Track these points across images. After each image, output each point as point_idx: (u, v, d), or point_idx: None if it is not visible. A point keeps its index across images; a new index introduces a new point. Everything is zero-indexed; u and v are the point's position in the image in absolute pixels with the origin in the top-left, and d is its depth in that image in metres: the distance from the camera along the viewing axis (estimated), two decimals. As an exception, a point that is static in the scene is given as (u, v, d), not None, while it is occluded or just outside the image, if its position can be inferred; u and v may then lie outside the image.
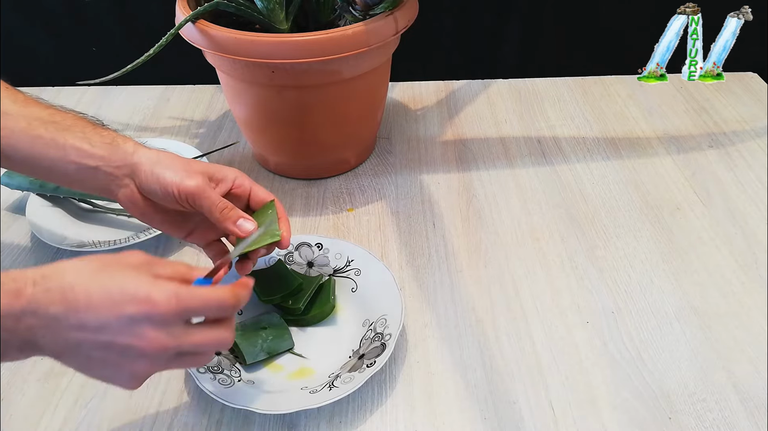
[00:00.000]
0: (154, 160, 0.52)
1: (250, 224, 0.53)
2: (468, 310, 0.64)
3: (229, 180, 0.55)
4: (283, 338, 0.59)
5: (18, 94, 0.53)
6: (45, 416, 0.55)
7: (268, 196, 0.56)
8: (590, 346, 0.60)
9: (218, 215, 0.52)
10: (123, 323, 0.39)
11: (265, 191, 0.56)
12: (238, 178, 0.55)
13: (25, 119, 0.51)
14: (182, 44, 0.70)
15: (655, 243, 0.71)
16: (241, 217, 0.53)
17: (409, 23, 0.72)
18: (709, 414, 0.55)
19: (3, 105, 0.51)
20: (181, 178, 0.51)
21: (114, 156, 0.52)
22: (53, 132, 0.51)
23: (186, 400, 0.56)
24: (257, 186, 0.56)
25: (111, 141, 0.52)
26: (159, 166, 0.52)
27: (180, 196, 0.51)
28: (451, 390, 0.57)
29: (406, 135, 0.89)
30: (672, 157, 0.84)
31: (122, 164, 0.52)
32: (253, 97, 0.74)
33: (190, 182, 0.51)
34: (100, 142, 0.52)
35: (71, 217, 0.74)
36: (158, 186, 0.51)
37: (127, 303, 0.39)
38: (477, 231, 0.73)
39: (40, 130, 0.51)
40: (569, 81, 1.00)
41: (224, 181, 0.55)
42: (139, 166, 0.52)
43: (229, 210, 0.53)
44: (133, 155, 0.52)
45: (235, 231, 0.52)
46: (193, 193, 0.51)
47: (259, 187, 0.56)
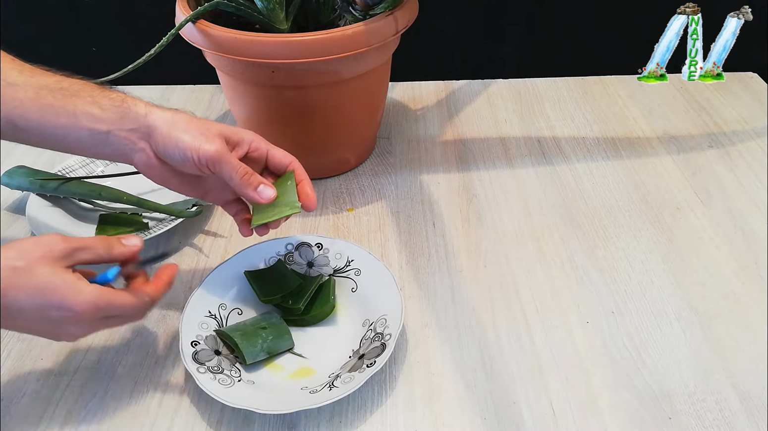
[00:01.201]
0: (170, 122, 0.51)
1: (271, 191, 0.52)
2: (468, 310, 0.64)
3: (246, 143, 0.54)
4: (283, 338, 0.59)
5: (24, 65, 0.52)
6: (45, 416, 0.55)
7: (286, 157, 0.55)
8: (590, 346, 0.60)
9: (239, 180, 0.51)
10: (49, 322, 0.46)
11: (283, 152, 0.55)
12: (255, 141, 0.55)
13: (33, 89, 0.50)
14: (182, 44, 0.70)
15: (655, 243, 0.71)
16: (261, 183, 0.53)
17: (409, 23, 0.72)
18: (709, 414, 0.55)
19: (9, 76, 0.51)
20: (200, 142, 0.50)
21: (126, 119, 0.51)
22: (62, 99, 0.50)
23: (186, 400, 0.56)
24: (274, 148, 0.55)
25: (121, 103, 0.51)
26: (176, 129, 0.51)
27: (200, 161, 0.50)
28: (451, 390, 0.57)
29: (406, 135, 0.89)
30: (672, 157, 0.84)
31: (135, 127, 0.51)
32: (253, 97, 0.74)
33: (210, 147, 0.50)
34: (110, 105, 0.51)
35: (71, 217, 0.74)
36: (177, 150, 0.50)
37: (52, 310, 0.45)
38: (477, 231, 0.73)
39: (49, 98, 0.50)
40: (569, 81, 1.00)
41: (241, 144, 0.54)
42: (154, 129, 0.51)
43: (249, 175, 0.52)
44: (147, 117, 0.51)
45: (256, 198, 0.52)
46: (213, 158, 0.50)
47: (277, 148, 0.55)
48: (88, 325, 0.48)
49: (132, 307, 0.49)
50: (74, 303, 0.45)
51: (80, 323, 0.47)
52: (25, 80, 0.51)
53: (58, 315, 0.46)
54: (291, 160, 0.56)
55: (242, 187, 0.52)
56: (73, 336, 0.49)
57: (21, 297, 0.45)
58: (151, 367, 0.59)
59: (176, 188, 0.55)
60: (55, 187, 0.73)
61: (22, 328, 0.47)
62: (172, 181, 0.54)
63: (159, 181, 0.54)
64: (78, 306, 0.46)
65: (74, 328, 0.47)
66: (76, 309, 0.46)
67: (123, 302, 0.49)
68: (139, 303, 0.50)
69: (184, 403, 0.56)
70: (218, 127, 0.53)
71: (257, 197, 0.52)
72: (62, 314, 0.46)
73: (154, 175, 0.53)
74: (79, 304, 0.46)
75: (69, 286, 0.46)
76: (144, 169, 0.53)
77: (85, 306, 0.46)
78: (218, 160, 0.51)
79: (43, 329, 0.47)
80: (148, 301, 0.51)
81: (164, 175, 0.53)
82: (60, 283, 0.45)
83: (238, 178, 0.52)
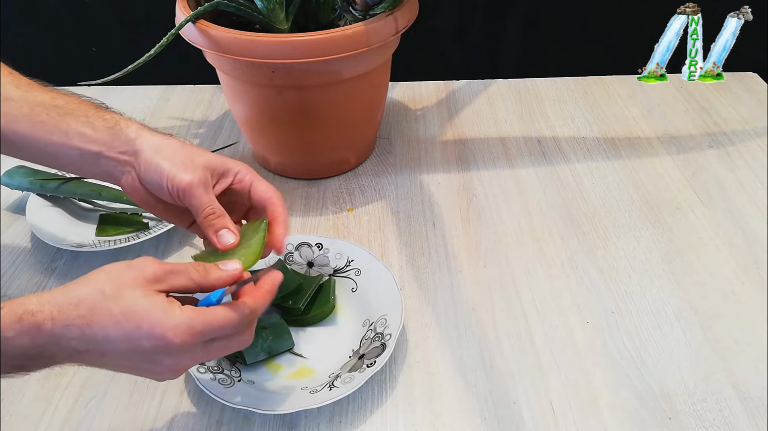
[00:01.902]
0: (155, 147, 0.50)
1: (231, 238, 0.49)
2: (468, 310, 0.64)
3: (231, 173, 0.52)
4: (283, 338, 0.59)
5: (21, 79, 0.52)
6: (45, 416, 0.55)
7: (267, 192, 0.53)
8: (590, 346, 0.60)
9: (202, 219, 0.49)
10: (142, 354, 0.41)
11: (266, 186, 0.53)
12: (241, 172, 0.52)
13: (28, 104, 0.50)
14: (182, 44, 0.70)
15: (655, 243, 0.71)
16: (225, 227, 0.50)
17: (409, 23, 0.72)
18: (709, 414, 0.55)
19: (6, 90, 0.50)
20: (176, 171, 0.49)
21: (116, 141, 0.50)
22: (56, 117, 0.50)
23: (186, 400, 0.56)
24: (259, 180, 0.53)
25: (114, 125, 0.50)
26: (159, 155, 0.49)
27: (172, 190, 0.49)
28: (451, 390, 0.57)
29: (406, 135, 0.89)
30: (672, 157, 0.84)
31: (125, 150, 0.50)
32: (253, 97, 0.74)
33: (183, 177, 0.48)
34: (103, 126, 0.50)
35: (71, 217, 0.74)
36: (155, 176, 0.49)
37: (143, 338, 0.40)
38: (477, 232, 0.73)
39: (43, 115, 0.49)
40: (569, 81, 1.00)
41: (226, 174, 0.52)
42: (140, 153, 0.50)
43: (215, 216, 0.49)
44: (136, 141, 0.50)
45: (214, 241, 0.50)
46: (183, 189, 0.49)
47: (261, 181, 0.53)
48: (188, 356, 0.42)
49: (233, 325, 0.43)
50: (166, 329, 0.40)
51: (177, 353, 0.42)
52: (21, 95, 0.50)
53: (150, 346, 0.40)
54: (271, 195, 0.52)
55: (205, 226, 0.49)
56: (173, 371, 0.43)
57: (108, 325, 0.40)
58: (151, 367, 0.59)
59: (162, 215, 0.53)
60: (55, 187, 0.73)
61: (116, 365, 0.42)
62: (157, 207, 0.52)
63: (144, 205, 0.52)
64: (170, 331, 0.40)
65: (171, 360, 0.42)
66: (168, 335, 0.40)
67: (223, 320, 0.43)
68: (241, 318, 0.44)
69: (184, 403, 0.56)
70: (205, 157, 0.51)
71: (215, 241, 0.49)
72: (154, 344, 0.40)
73: (139, 198, 0.52)
74: (171, 329, 0.40)
75: (159, 310, 0.41)
76: (130, 192, 0.51)
77: (179, 331, 0.41)
78: (188, 192, 0.49)
79: (138, 364, 0.42)
80: (248, 314, 0.44)
81: (148, 201, 0.52)
82: (149, 307, 0.41)
83: (203, 216, 0.49)
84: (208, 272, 0.45)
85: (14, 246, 0.72)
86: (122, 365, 0.42)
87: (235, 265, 0.47)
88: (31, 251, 0.71)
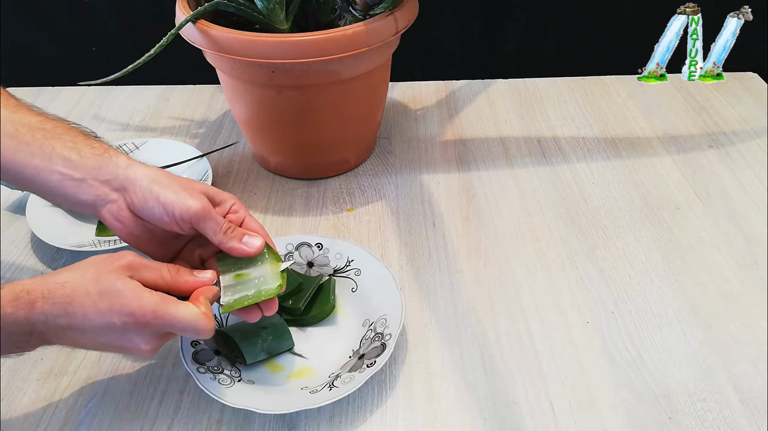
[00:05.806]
0: (151, 177, 0.50)
1: (257, 240, 0.52)
2: (468, 310, 0.64)
3: (227, 204, 0.53)
4: (283, 338, 0.59)
5: (10, 99, 0.51)
6: (45, 416, 0.55)
7: (260, 229, 0.54)
8: (590, 346, 0.60)
9: (221, 236, 0.51)
10: (115, 331, 0.46)
11: (257, 224, 0.54)
12: (236, 204, 0.54)
13: (13, 124, 0.49)
14: (182, 44, 0.70)
15: (655, 243, 0.71)
16: (245, 234, 0.52)
17: (409, 23, 0.72)
18: (709, 414, 0.55)
19: None
20: (184, 198, 0.50)
21: (104, 169, 0.50)
22: (41, 140, 0.49)
23: (186, 400, 0.56)
24: (250, 218, 0.54)
25: (102, 152, 0.50)
26: (157, 184, 0.50)
27: (182, 217, 0.49)
28: (451, 390, 0.57)
29: (406, 135, 0.89)
30: (672, 157, 0.84)
31: (112, 178, 0.50)
32: (253, 97, 0.74)
33: (194, 203, 0.50)
34: (90, 153, 0.50)
35: (71, 217, 0.74)
36: (156, 204, 0.49)
37: (114, 316, 0.45)
38: (477, 232, 0.73)
39: (27, 136, 0.49)
40: (569, 81, 1.00)
41: (222, 204, 0.53)
42: (134, 182, 0.50)
43: (232, 230, 0.52)
44: (127, 169, 0.50)
45: (242, 249, 0.51)
46: (197, 215, 0.50)
47: (252, 217, 0.55)
48: (151, 336, 0.47)
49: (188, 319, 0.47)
50: (134, 308, 0.45)
51: (143, 332, 0.47)
52: (7, 115, 0.49)
53: (120, 322, 0.45)
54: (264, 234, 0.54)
55: (227, 241, 0.51)
56: (139, 349, 0.48)
57: (86, 303, 0.45)
58: (151, 367, 0.59)
59: (145, 246, 0.53)
60: (55, 187, 0.73)
61: (95, 342, 0.47)
62: (143, 238, 0.52)
63: (126, 236, 0.52)
64: (138, 310, 0.45)
65: (138, 338, 0.47)
66: (136, 314, 0.45)
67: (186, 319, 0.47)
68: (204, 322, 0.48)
69: (184, 403, 0.56)
70: (200, 186, 0.52)
71: (243, 248, 0.51)
72: (124, 320, 0.45)
73: (123, 229, 0.51)
74: (138, 308, 0.45)
75: (130, 290, 0.46)
76: (111, 223, 0.51)
77: (145, 311, 0.46)
78: (203, 216, 0.50)
79: (113, 341, 0.47)
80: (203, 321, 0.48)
81: (133, 231, 0.51)
82: (122, 288, 0.46)
83: (222, 232, 0.51)
84: (179, 274, 0.50)
85: (14, 246, 0.72)
86: (100, 342, 0.47)
87: (207, 275, 0.51)
88: (31, 251, 0.71)
